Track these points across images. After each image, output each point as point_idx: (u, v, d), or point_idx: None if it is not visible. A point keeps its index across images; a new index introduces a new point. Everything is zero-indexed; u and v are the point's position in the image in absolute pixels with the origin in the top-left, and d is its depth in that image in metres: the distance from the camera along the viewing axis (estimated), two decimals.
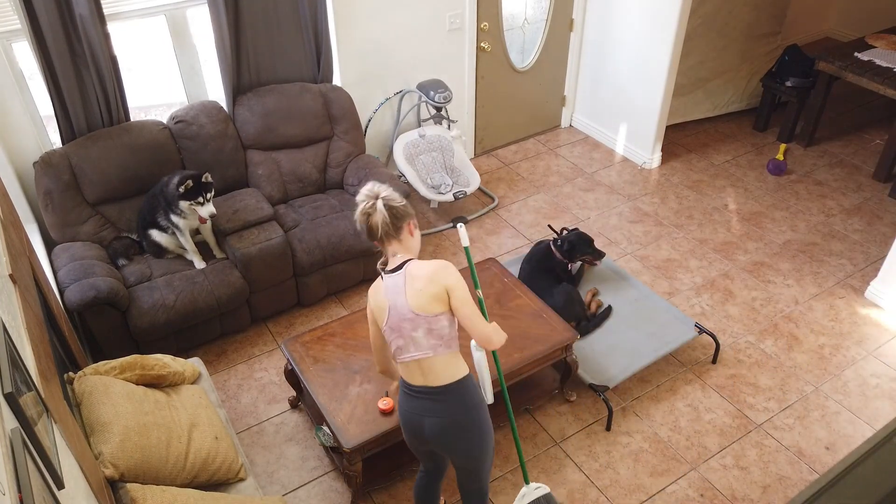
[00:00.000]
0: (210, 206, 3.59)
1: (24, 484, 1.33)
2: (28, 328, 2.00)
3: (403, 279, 2.29)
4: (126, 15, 3.72)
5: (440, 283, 2.27)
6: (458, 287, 2.29)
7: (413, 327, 2.31)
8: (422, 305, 2.27)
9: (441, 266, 2.29)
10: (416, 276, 2.28)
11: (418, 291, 2.27)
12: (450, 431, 2.42)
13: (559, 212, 4.91)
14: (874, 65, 5.01)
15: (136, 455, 2.44)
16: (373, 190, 2.28)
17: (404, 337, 2.34)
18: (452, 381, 2.38)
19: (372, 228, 2.28)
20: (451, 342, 2.36)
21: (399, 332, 2.34)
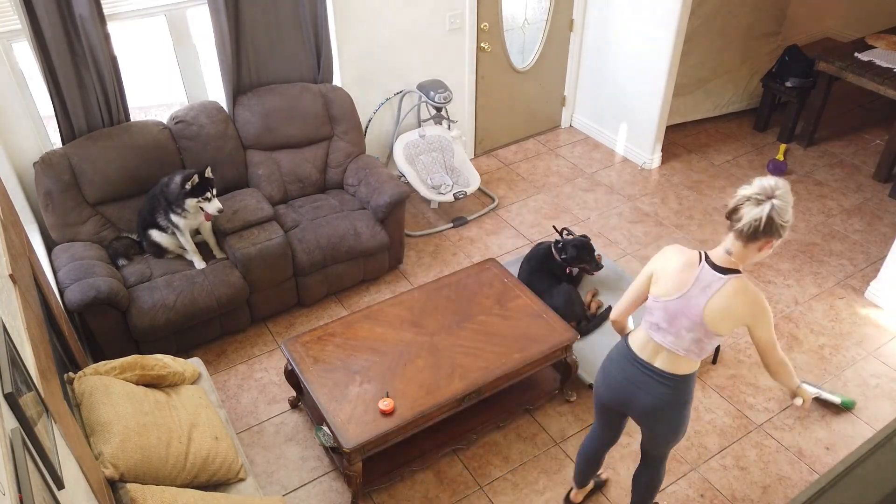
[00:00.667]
0: (216, 201, 3.59)
1: (24, 484, 1.33)
2: (28, 328, 2.00)
3: (720, 287, 2.21)
4: (126, 15, 3.72)
5: (746, 319, 2.23)
6: (761, 324, 2.24)
7: (689, 328, 2.28)
8: (715, 322, 2.23)
9: (760, 305, 2.21)
10: (733, 296, 2.21)
11: (724, 310, 2.21)
12: (659, 413, 2.46)
13: (559, 212, 4.91)
14: (874, 65, 5.01)
15: (136, 455, 2.43)
16: (773, 188, 2.11)
17: (673, 327, 2.31)
18: (683, 373, 2.40)
19: (739, 215, 2.13)
20: (704, 354, 2.37)
21: (671, 321, 2.31)
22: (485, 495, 3.17)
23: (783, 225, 2.14)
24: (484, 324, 3.35)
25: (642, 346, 2.44)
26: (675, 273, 2.29)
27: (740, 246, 2.18)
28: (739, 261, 2.22)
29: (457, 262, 4.47)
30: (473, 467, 3.29)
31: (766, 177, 2.15)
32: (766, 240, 2.15)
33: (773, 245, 2.19)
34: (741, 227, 2.13)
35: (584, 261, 3.83)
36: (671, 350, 2.35)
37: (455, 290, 3.55)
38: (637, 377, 2.46)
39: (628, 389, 2.49)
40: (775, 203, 2.09)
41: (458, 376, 3.09)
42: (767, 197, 2.10)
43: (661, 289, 2.32)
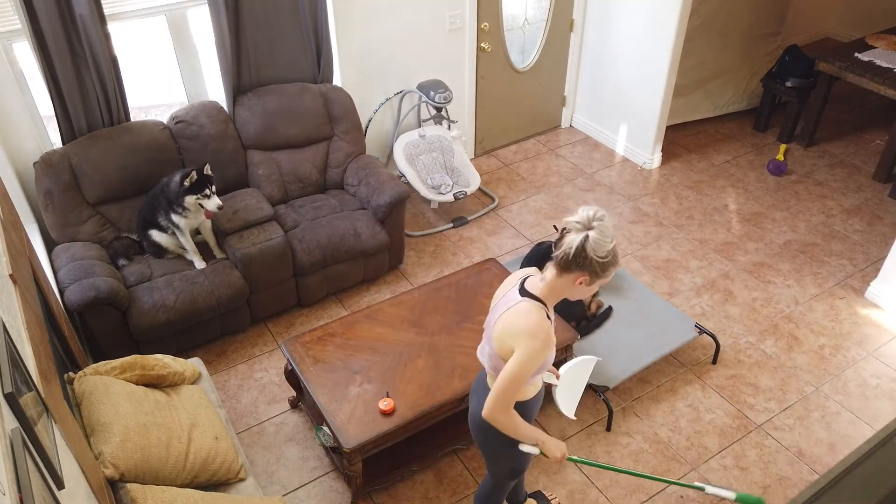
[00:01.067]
0: (216, 198, 3.59)
1: (24, 484, 1.33)
2: (28, 328, 2.00)
3: (509, 306, 2.15)
4: (126, 15, 3.72)
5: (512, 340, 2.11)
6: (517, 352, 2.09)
7: (487, 341, 2.26)
8: (496, 342, 2.18)
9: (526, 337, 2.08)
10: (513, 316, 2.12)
11: (500, 333, 2.15)
12: (472, 421, 2.46)
13: (559, 212, 4.91)
14: (874, 65, 5.01)
15: (137, 455, 2.44)
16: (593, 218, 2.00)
17: (485, 336, 2.31)
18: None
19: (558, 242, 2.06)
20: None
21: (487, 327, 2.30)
22: None
23: (598, 261, 1.99)
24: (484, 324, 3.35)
25: None
26: (503, 285, 2.29)
27: (554, 274, 2.08)
28: (551, 292, 2.12)
29: (457, 262, 4.47)
30: (473, 467, 3.29)
31: (590, 206, 2.03)
32: (580, 273, 2.03)
33: (590, 283, 2.05)
34: (557, 254, 2.04)
35: None
36: (481, 362, 2.32)
37: (455, 290, 3.55)
38: (478, 381, 2.45)
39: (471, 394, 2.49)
40: (590, 234, 1.97)
41: (458, 376, 3.09)
42: (585, 227, 2.00)
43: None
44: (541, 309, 2.12)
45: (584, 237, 1.97)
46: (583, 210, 2.02)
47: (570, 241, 2.00)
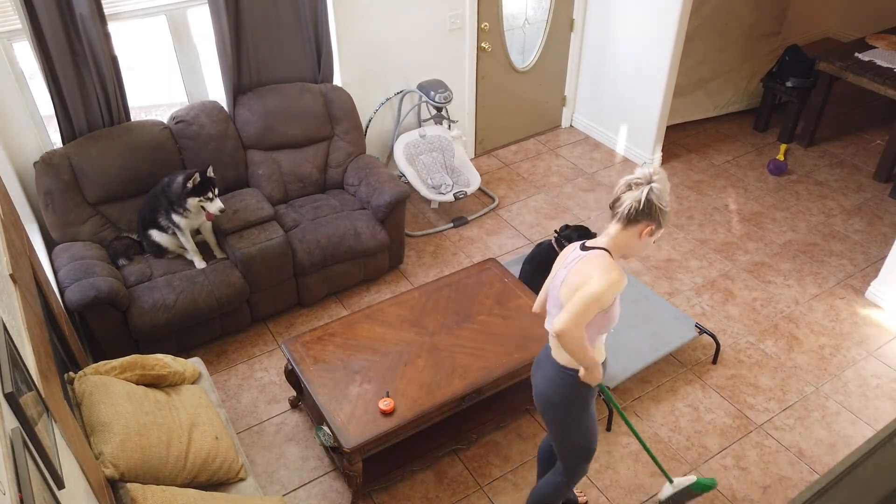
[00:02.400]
0: (218, 201, 3.59)
1: (25, 484, 1.33)
2: (28, 328, 2.00)
3: (578, 260, 2.29)
4: (126, 15, 3.72)
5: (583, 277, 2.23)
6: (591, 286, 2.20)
7: (554, 307, 2.38)
8: (565, 298, 2.30)
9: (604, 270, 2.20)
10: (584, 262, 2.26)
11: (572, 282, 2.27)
12: (541, 397, 2.52)
13: (559, 212, 4.91)
14: (875, 65, 5.01)
15: (137, 455, 2.44)
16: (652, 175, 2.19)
17: (549, 308, 2.43)
18: (561, 361, 2.42)
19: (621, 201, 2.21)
20: None
21: (550, 303, 2.42)
22: (485, 495, 3.18)
23: (662, 209, 2.18)
24: (484, 324, 3.35)
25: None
26: (559, 260, 2.43)
27: (619, 229, 2.24)
28: (616, 245, 2.27)
29: (457, 262, 4.47)
30: (473, 467, 3.29)
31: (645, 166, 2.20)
32: (646, 224, 2.20)
33: (653, 232, 2.22)
34: (622, 210, 2.20)
35: None
36: (550, 333, 2.42)
37: (455, 290, 3.55)
38: (539, 359, 2.56)
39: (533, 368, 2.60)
40: (654, 186, 2.16)
41: (458, 376, 3.09)
42: (646, 181, 2.18)
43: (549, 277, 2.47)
44: (609, 256, 2.26)
45: (648, 189, 2.15)
46: (640, 169, 2.22)
47: (635, 195, 2.17)
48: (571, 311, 2.21)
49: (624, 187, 2.22)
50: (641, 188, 2.17)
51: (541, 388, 2.51)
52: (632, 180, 2.21)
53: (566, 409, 2.48)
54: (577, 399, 2.46)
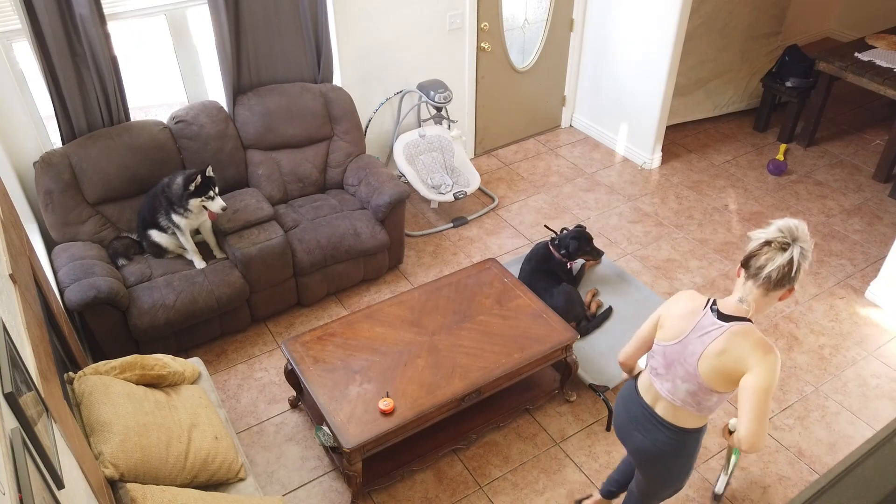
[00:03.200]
0: (220, 200, 3.60)
1: (24, 484, 1.33)
2: (28, 328, 2.00)
3: (719, 335, 2.05)
4: (126, 15, 3.72)
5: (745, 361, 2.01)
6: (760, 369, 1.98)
7: (684, 378, 2.15)
8: (708, 374, 2.07)
9: (764, 348, 1.99)
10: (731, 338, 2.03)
11: (718, 356, 2.05)
12: (649, 457, 2.36)
13: (559, 212, 4.91)
14: (874, 65, 5.01)
15: (136, 455, 2.44)
16: (795, 230, 1.96)
17: (669, 375, 2.19)
18: (685, 426, 2.26)
19: (760, 263, 1.97)
20: (705, 410, 2.20)
21: (668, 367, 2.20)
22: (485, 495, 3.18)
23: (804, 264, 1.97)
24: (484, 324, 3.35)
25: (646, 389, 2.35)
26: (678, 318, 2.17)
27: (760, 294, 2.00)
28: (756, 311, 2.05)
29: (457, 262, 4.47)
30: (473, 467, 3.29)
31: (782, 219, 1.99)
32: (790, 287, 1.99)
33: (794, 292, 2.03)
34: (768, 275, 1.95)
35: (585, 251, 3.83)
36: (668, 400, 2.24)
37: (455, 290, 3.55)
38: (638, 417, 2.36)
39: (627, 426, 2.42)
40: (802, 247, 1.94)
41: (458, 376, 3.09)
42: (793, 240, 1.94)
43: (663, 333, 2.21)
44: (755, 329, 2.05)
45: (799, 252, 1.93)
46: (777, 225, 1.98)
47: (783, 260, 1.93)
48: (758, 420, 1.97)
49: (760, 245, 1.97)
50: (790, 249, 1.93)
51: (652, 450, 2.33)
52: (774, 239, 1.95)
53: (684, 464, 2.36)
54: (696, 452, 2.35)
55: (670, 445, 2.29)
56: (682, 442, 2.29)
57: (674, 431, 2.27)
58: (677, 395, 2.19)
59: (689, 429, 2.26)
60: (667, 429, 2.27)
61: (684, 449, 2.31)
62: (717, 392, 2.10)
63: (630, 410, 2.40)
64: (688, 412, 2.22)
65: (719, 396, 2.12)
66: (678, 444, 2.29)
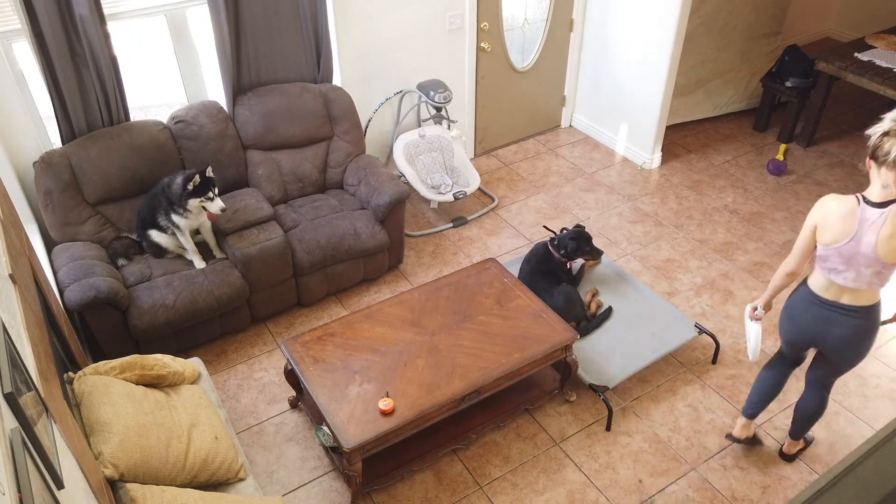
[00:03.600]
0: (219, 200, 3.59)
1: (24, 484, 1.33)
2: (28, 328, 2.00)
3: (884, 219, 2.38)
4: (126, 15, 3.72)
5: None
6: None
7: (867, 265, 2.47)
8: (888, 253, 2.40)
9: None
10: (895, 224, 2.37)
11: (891, 243, 2.38)
12: (853, 343, 2.68)
13: (559, 212, 4.91)
14: (874, 65, 5.01)
15: (136, 455, 2.44)
16: None
17: (852, 267, 2.51)
18: (871, 303, 2.61)
19: (885, 150, 2.32)
20: (887, 282, 2.53)
21: (848, 262, 2.50)
22: (484, 495, 3.18)
23: None
24: (484, 324, 3.35)
25: (825, 289, 2.64)
26: (840, 220, 2.49)
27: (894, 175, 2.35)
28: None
29: (457, 262, 4.47)
30: (473, 467, 3.29)
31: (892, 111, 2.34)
32: None
33: None
34: (891, 159, 2.31)
35: (584, 250, 3.83)
36: (854, 287, 2.56)
37: (455, 290, 3.55)
38: (827, 316, 2.67)
39: (817, 328, 2.72)
40: None
41: (458, 376, 3.09)
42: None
43: (830, 236, 2.52)
44: None
45: None
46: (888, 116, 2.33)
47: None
48: None
49: (880, 136, 2.31)
50: None
51: (856, 336, 2.66)
52: (890, 129, 2.29)
53: (875, 332, 2.70)
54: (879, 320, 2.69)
55: (864, 325, 2.65)
56: (872, 318, 2.64)
57: (864, 312, 2.62)
58: (862, 280, 2.52)
59: (874, 304, 2.62)
60: (858, 312, 2.62)
61: (874, 323, 2.66)
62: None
63: (814, 313, 2.70)
64: (872, 290, 2.57)
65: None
66: (870, 321, 2.65)
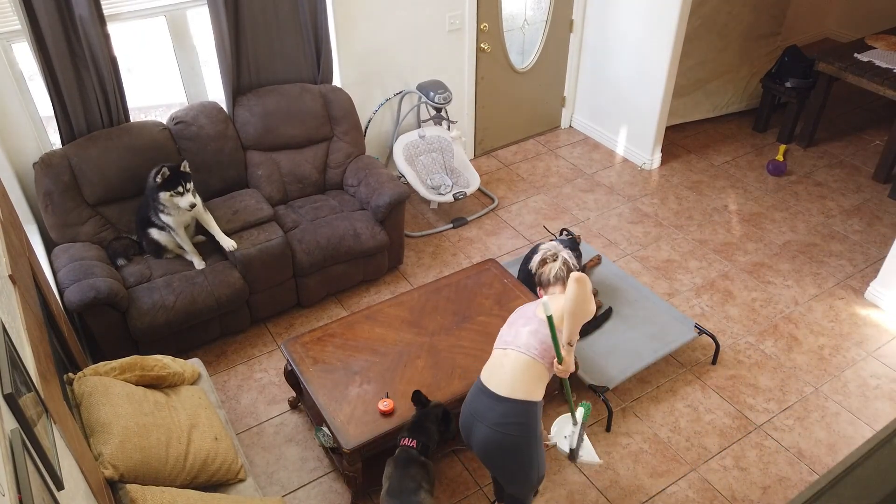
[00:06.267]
0: (190, 196, 3.53)
1: (24, 485, 1.33)
2: (28, 329, 2.00)
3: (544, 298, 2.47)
4: (126, 15, 3.72)
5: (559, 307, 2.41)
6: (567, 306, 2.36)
7: (525, 322, 2.51)
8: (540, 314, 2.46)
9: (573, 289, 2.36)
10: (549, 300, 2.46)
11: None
12: (492, 444, 2.44)
13: (559, 212, 4.91)
14: (874, 66, 5.02)
15: (136, 456, 2.43)
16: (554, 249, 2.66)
17: (513, 328, 2.54)
18: (522, 397, 2.40)
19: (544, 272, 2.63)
20: (545, 358, 2.43)
21: (511, 324, 2.57)
22: (484, 496, 3.17)
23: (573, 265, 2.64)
24: (484, 324, 3.35)
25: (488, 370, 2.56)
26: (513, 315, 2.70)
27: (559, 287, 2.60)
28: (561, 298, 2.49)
29: (456, 263, 4.47)
30: (473, 468, 3.29)
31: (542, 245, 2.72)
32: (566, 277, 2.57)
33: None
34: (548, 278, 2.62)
35: None
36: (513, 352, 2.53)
37: (455, 290, 3.55)
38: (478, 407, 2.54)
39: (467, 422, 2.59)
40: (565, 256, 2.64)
41: (457, 377, 3.09)
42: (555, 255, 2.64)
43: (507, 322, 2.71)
44: None
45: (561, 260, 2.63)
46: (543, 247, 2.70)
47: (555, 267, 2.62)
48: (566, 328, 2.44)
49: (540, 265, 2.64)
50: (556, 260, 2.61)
51: (494, 437, 2.42)
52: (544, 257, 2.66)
53: (531, 445, 2.44)
54: (538, 427, 2.47)
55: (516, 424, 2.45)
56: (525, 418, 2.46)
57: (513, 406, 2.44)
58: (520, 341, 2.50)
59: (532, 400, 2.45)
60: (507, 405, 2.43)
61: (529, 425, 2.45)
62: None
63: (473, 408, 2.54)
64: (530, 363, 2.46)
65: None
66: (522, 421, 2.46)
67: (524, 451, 2.44)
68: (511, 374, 2.42)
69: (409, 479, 2.64)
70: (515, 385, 2.40)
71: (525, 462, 2.47)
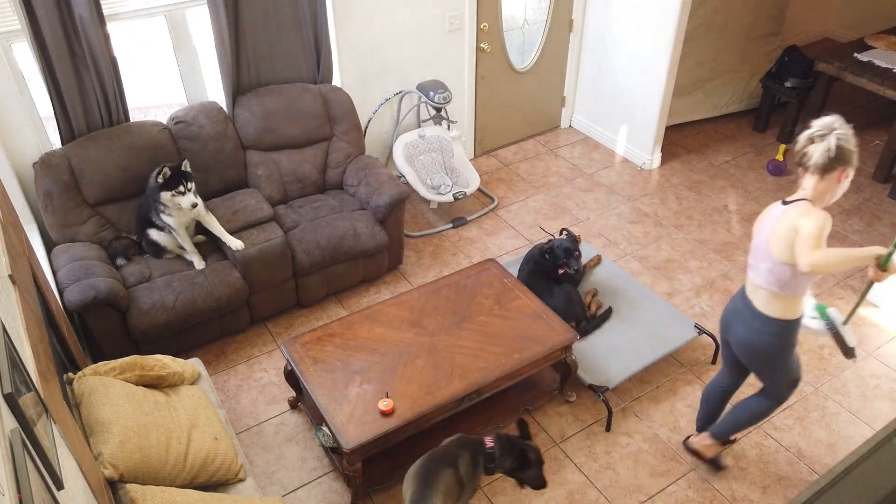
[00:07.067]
0: (191, 195, 3.53)
1: (24, 485, 1.33)
2: (28, 329, 2.00)
3: (780, 214, 2.47)
4: (126, 15, 3.72)
5: (794, 224, 2.39)
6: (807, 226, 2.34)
7: (763, 259, 2.54)
8: (774, 243, 2.46)
9: (805, 213, 2.37)
10: (789, 212, 2.44)
11: (781, 230, 2.44)
12: (746, 344, 2.73)
13: (559, 212, 4.91)
14: (874, 65, 5.02)
15: (136, 456, 2.43)
16: (831, 124, 2.38)
17: (754, 259, 2.62)
18: (770, 315, 2.61)
19: (809, 154, 2.40)
20: (788, 288, 2.52)
21: (753, 254, 2.63)
22: (484, 495, 3.17)
23: (852, 151, 2.36)
24: (483, 324, 3.35)
25: (747, 285, 2.74)
26: (759, 220, 2.63)
27: (816, 180, 2.42)
28: (818, 196, 2.44)
29: (456, 263, 4.47)
30: None
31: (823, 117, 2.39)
32: (842, 168, 2.38)
33: (849, 174, 2.40)
34: (815, 162, 2.37)
35: (562, 262, 3.76)
36: (756, 284, 2.62)
37: (455, 290, 3.55)
38: (737, 308, 2.76)
39: (727, 318, 2.84)
40: (838, 134, 2.34)
41: (457, 376, 3.09)
42: (829, 130, 2.35)
43: (753, 235, 2.68)
44: (810, 204, 2.44)
45: (835, 137, 2.34)
46: (817, 122, 2.40)
47: (823, 146, 2.35)
48: (805, 245, 2.34)
49: (806, 142, 2.39)
50: (826, 138, 2.34)
51: (745, 338, 2.72)
52: (813, 134, 2.37)
53: (773, 355, 2.69)
54: (784, 346, 2.67)
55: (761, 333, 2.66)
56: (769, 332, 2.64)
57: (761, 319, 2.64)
58: (761, 276, 2.58)
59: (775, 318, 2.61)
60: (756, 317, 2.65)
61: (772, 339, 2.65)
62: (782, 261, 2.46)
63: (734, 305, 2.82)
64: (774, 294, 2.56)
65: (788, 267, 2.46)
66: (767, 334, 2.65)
67: (776, 357, 2.70)
68: (762, 298, 2.62)
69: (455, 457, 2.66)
70: (768, 307, 2.61)
71: (773, 367, 2.75)
